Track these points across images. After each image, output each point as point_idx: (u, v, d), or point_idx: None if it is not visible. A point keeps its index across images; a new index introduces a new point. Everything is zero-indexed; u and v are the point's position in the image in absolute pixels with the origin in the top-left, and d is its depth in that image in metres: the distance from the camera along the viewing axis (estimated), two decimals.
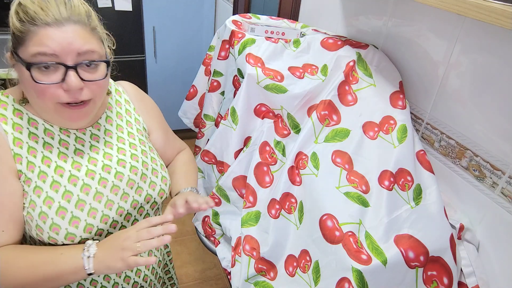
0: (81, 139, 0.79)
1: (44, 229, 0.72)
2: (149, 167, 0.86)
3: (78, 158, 0.77)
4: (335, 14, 1.31)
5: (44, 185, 0.72)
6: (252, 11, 2.30)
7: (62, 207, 0.72)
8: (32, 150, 0.72)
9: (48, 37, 0.66)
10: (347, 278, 0.78)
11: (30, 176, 0.72)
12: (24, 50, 0.66)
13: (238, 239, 1.02)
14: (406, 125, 0.95)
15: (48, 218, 0.71)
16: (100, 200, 0.77)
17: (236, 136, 1.11)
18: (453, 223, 0.86)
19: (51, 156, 0.74)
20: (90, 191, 0.76)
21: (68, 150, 0.77)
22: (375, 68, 1.06)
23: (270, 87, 1.05)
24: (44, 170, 0.73)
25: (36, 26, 0.65)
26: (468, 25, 0.84)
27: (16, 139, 0.71)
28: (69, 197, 0.73)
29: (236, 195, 1.11)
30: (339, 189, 0.91)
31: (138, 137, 0.89)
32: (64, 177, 0.74)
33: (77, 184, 0.75)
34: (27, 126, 0.73)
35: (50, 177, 0.73)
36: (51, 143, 0.75)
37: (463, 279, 0.83)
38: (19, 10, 0.66)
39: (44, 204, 0.71)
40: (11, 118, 0.72)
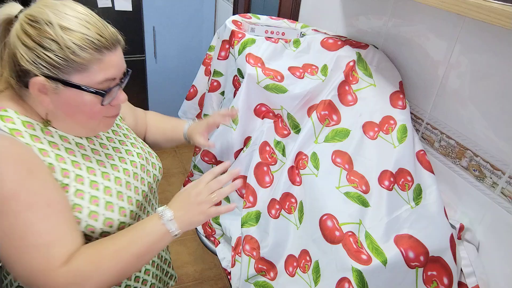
0: (91, 140, 0.83)
1: (97, 226, 0.75)
2: (146, 151, 0.95)
3: (98, 157, 0.81)
4: (335, 14, 1.31)
5: (84, 187, 0.74)
6: (252, 11, 2.30)
7: (108, 201, 0.77)
8: (60, 157, 0.73)
9: (111, 63, 0.70)
10: (347, 278, 0.78)
11: (67, 182, 0.72)
12: (84, 78, 0.68)
13: (238, 239, 1.02)
14: (406, 125, 0.95)
15: (99, 215, 0.75)
16: (130, 189, 0.83)
17: (236, 136, 1.11)
18: (453, 223, 0.86)
19: (76, 159, 0.76)
20: (121, 182, 0.81)
21: (86, 151, 0.80)
22: (375, 68, 1.06)
23: (270, 87, 1.05)
24: (79, 173, 0.75)
25: (101, 53, 0.68)
26: (468, 25, 0.84)
27: (41, 150, 0.71)
28: (109, 192, 0.78)
29: (236, 195, 1.11)
30: (339, 189, 0.91)
31: (126, 128, 0.97)
32: (97, 175, 0.78)
33: (110, 178, 0.80)
34: (43, 136, 0.73)
35: (86, 178, 0.75)
36: (71, 148, 0.77)
37: (463, 279, 0.83)
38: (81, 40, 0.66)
39: (91, 204, 0.74)
40: (25, 131, 0.70)
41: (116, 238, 0.73)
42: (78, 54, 0.66)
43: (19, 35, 0.67)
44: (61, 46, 0.66)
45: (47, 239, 0.67)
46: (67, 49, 0.66)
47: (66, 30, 0.66)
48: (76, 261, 0.68)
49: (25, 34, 0.66)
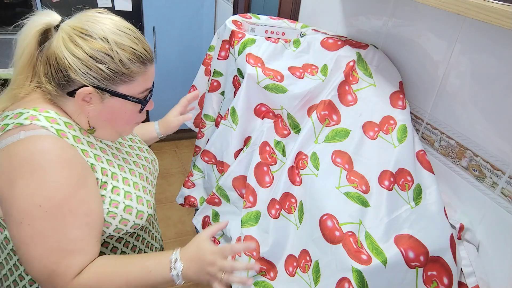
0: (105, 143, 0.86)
1: (130, 219, 0.80)
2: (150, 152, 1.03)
3: (121, 155, 0.87)
4: (335, 14, 1.31)
5: (118, 183, 0.80)
6: (252, 11, 2.30)
7: (138, 196, 0.83)
8: (97, 157, 0.78)
9: (152, 75, 0.79)
10: (347, 278, 0.78)
11: (106, 180, 0.77)
12: (130, 88, 0.75)
13: (238, 239, 1.02)
14: (406, 125, 0.95)
15: (133, 209, 0.80)
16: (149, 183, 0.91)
17: (236, 136, 1.11)
18: (453, 223, 0.86)
19: (109, 158, 0.82)
20: (143, 177, 0.89)
21: (113, 149, 0.85)
22: (375, 68, 1.06)
23: (270, 87, 1.05)
24: (113, 171, 0.80)
25: (145, 66, 0.76)
26: (468, 25, 0.84)
27: (83, 151, 0.74)
28: (137, 186, 0.84)
29: (236, 195, 1.11)
30: (339, 189, 0.91)
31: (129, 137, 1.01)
32: (126, 172, 0.84)
33: (136, 174, 0.86)
34: (82, 136, 0.76)
35: (119, 175, 0.81)
36: (103, 147, 0.82)
37: (463, 279, 0.83)
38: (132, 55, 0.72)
39: (126, 199, 0.79)
40: (68, 132, 0.73)
41: (128, 268, 0.75)
42: (128, 67, 0.72)
43: (67, 46, 0.69)
44: (115, 60, 0.71)
45: (74, 247, 0.70)
46: (119, 63, 0.71)
47: (120, 45, 0.71)
48: (87, 275, 0.71)
49: (76, 45, 0.69)
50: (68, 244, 0.69)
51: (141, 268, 0.75)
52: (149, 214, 0.85)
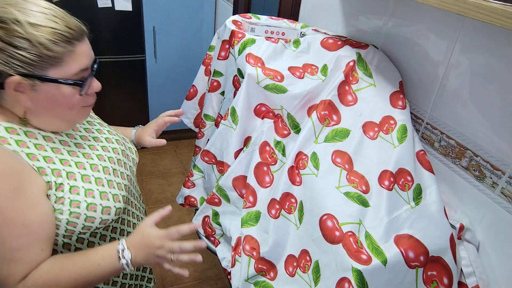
0: (71, 135, 0.85)
1: (96, 216, 0.79)
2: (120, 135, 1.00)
3: (82, 150, 0.84)
4: (335, 14, 1.31)
5: (77, 182, 0.77)
6: (252, 11, 2.30)
7: (102, 191, 0.81)
8: (48, 158, 0.75)
9: (83, 53, 0.72)
10: (347, 278, 0.78)
11: (61, 181, 0.75)
12: (60, 70, 0.70)
13: (238, 239, 1.02)
14: (406, 125, 0.95)
15: (97, 206, 0.79)
16: (117, 175, 0.87)
17: (236, 136, 1.11)
18: (453, 223, 0.86)
19: (64, 157, 0.78)
20: (109, 170, 0.86)
21: (70, 147, 0.82)
22: (375, 68, 1.06)
23: (270, 87, 1.05)
24: (69, 170, 0.77)
25: (72, 45, 0.70)
26: (468, 25, 0.84)
27: (29, 155, 0.72)
28: (100, 182, 0.82)
29: (236, 195, 1.11)
30: (339, 189, 0.91)
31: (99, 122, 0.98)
32: (87, 168, 0.81)
33: (99, 169, 0.83)
34: (28, 140, 0.74)
35: (77, 174, 0.78)
36: (57, 146, 0.79)
37: (463, 279, 0.83)
38: (52, 34, 0.67)
39: (87, 197, 0.77)
40: (10, 137, 0.71)
41: (76, 266, 0.75)
42: (51, 48, 0.67)
43: None
44: (33, 43, 0.66)
45: (13, 256, 0.69)
46: (39, 45, 0.66)
47: (35, 26, 0.66)
48: (33, 279, 0.71)
49: None
50: (6, 253, 0.69)
51: (89, 264, 0.75)
52: (117, 208, 0.82)
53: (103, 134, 0.93)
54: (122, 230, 0.92)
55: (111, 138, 0.95)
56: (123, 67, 2.82)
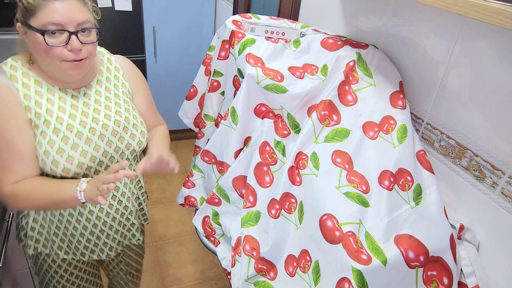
0: (76, 97, 1.00)
1: (47, 163, 0.94)
2: (130, 122, 1.07)
3: (73, 111, 0.98)
4: (335, 14, 1.31)
5: (48, 130, 0.94)
6: (252, 11, 2.30)
7: (61, 148, 0.95)
8: (38, 103, 0.93)
9: (54, 10, 0.85)
10: (347, 278, 0.78)
11: (38, 123, 0.93)
12: (35, 20, 0.85)
13: (238, 239, 1.02)
14: (406, 125, 0.96)
15: (50, 156, 0.94)
16: (89, 144, 0.99)
17: (236, 136, 1.11)
18: (453, 223, 0.86)
19: (53, 108, 0.95)
20: (82, 137, 0.98)
21: (65, 105, 0.98)
22: (375, 68, 1.06)
23: (270, 87, 1.05)
24: (48, 119, 0.94)
25: (45, 1, 0.84)
26: (468, 25, 0.84)
27: (25, 95, 0.92)
28: (66, 140, 0.96)
29: (236, 195, 1.11)
30: (339, 189, 0.91)
31: (123, 98, 1.10)
32: (63, 125, 0.96)
33: (72, 131, 0.97)
34: (33, 85, 0.94)
35: (52, 125, 0.94)
36: (52, 99, 0.96)
37: (463, 279, 0.83)
38: None
39: (48, 145, 0.94)
40: (20, 79, 0.93)
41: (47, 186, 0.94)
42: (28, 1, 0.84)
43: None
44: None
45: (4, 165, 0.93)
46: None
47: None
48: (19, 187, 0.93)
49: None
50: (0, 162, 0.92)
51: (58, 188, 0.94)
52: (65, 168, 0.95)
53: (97, 105, 1.03)
54: None
55: (110, 114, 1.04)
56: None
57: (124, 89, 1.11)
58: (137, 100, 1.15)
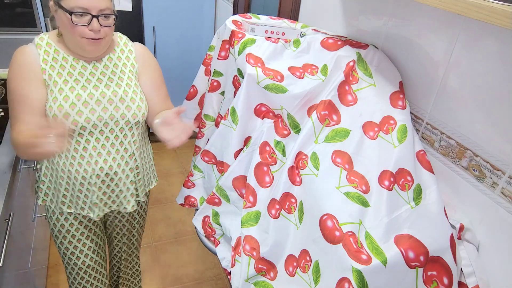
0: (85, 67, 1.14)
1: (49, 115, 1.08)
2: (128, 95, 1.17)
3: (79, 77, 1.12)
4: (335, 14, 1.31)
5: (55, 89, 1.09)
6: (252, 11, 2.30)
7: (61, 104, 1.08)
8: (52, 67, 1.09)
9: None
10: (347, 278, 0.78)
11: (49, 83, 1.08)
12: (66, 2, 1.00)
13: (238, 239, 1.02)
14: (406, 125, 0.96)
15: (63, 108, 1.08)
16: (86, 107, 1.11)
17: (236, 136, 1.11)
18: (453, 223, 0.86)
19: (62, 72, 1.11)
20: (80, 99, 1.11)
21: (74, 71, 1.12)
22: (375, 68, 1.06)
23: (270, 87, 1.05)
24: (56, 80, 1.09)
25: None
26: (468, 25, 0.84)
27: (44, 59, 1.09)
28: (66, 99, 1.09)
29: (236, 195, 1.11)
30: (339, 189, 0.91)
31: (128, 75, 1.20)
32: (67, 86, 1.10)
33: (73, 92, 1.10)
34: (52, 53, 1.11)
35: (59, 85, 1.09)
36: (65, 65, 1.11)
37: (463, 279, 0.83)
38: None
39: (57, 109, 1.07)
40: (43, 47, 1.10)
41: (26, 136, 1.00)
42: None
43: None
44: None
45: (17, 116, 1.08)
46: None
47: None
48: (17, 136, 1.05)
49: None
50: (15, 115, 1.08)
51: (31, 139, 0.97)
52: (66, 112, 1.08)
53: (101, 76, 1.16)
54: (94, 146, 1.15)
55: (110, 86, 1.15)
56: None
57: (132, 69, 1.21)
58: (142, 79, 1.24)
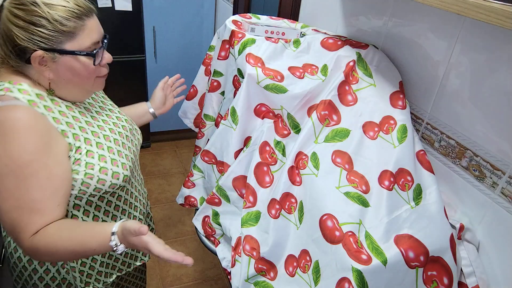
0: (88, 108, 0.96)
1: (107, 179, 0.88)
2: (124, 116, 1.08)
3: (97, 122, 0.94)
4: (335, 14, 1.31)
5: (92, 148, 0.87)
6: (252, 11, 2.30)
7: (113, 158, 0.91)
8: (69, 124, 0.85)
9: (93, 28, 0.83)
10: (347, 278, 0.78)
11: (79, 145, 0.85)
12: (75, 43, 0.80)
13: (238, 239, 1.02)
14: (406, 125, 0.95)
15: (108, 170, 0.88)
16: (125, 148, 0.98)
17: (236, 136, 1.11)
18: (453, 223, 0.86)
19: (82, 125, 0.89)
20: (119, 142, 0.96)
21: (87, 118, 0.92)
22: (375, 68, 1.06)
23: (270, 87, 1.05)
24: (86, 136, 0.88)
25: (83, 21, 0.80)
26: (468, 25, 0.84)
27: (54, 118, 0.82)
28: (112, 150, 0.92)
29: (236, 195, 1.11)
30: (339, 189, 0.91)
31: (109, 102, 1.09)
32: (100, 137, 0.91)
33: (110, 139, 0.94)
34: (54, 107, 0.84)
35: (93, 141, 0.89)
36: (76, 116, 0.89)
37: (463, 279, 0.83)
38: (65, 12, 0.78)
39: (100, 161, 0.87)
40: (39, 102, 0.81)
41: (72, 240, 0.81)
42: (65, 24, 0.78)
43: (10, 19, 0.76)
44: (50, 21, 0.76)
45: (34, 207, 0.78)
46: (55, 22, 0.77)
47: (50, 6, 0.77)
48: (39, 239, 0.78)
49: (16, 17, 0.76)
50: (29, 203, 0.77)
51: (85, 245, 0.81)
52: (125, 175, 0.93)
53: (114, 113, 1.04)
54: (126, 200, 1.02)
55: (121, 117, 1.05)
56: (123, 67, 2.82)
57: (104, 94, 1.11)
58: None
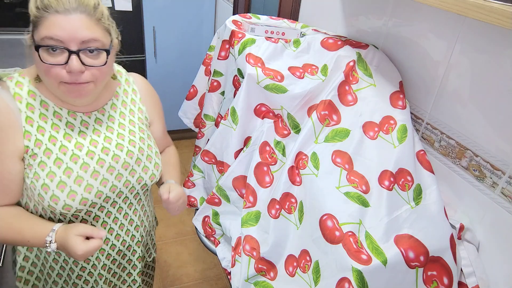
0: (86, 122, 0.88)
1: (45, 198, 0.82)
2: (145, 153, 0.95)
3: (81, 139, 0.86)
4: (335, 14, 1.31)
5: (48, 161, 0.82)
6: (252, 11, 2.30)
7: (63, 181, 0.82)
8: (41, 129, 0.82)
9: (56, 24, 0.74)
10: (347, 278, 0.78)
11: (36, 152, 0.81)
12: (36, 34, 0.75)
13: (238, 239, 1.02)
14: (406, 125, 0.96)
15: (49, 190, 0.81)
16: (96, 178, 0.86)
17: (236, 136, 1.11)
18: (453, 223, 0.86)
19: (57, 136, 0.84)
20: (88, 169, 0.85)
21: (73, 132, 0.86)
22: (375, 68, 1.06)
23: (270, 87, 1.05)
24: (50, 147, 0.82)
25: (48, 13, 0.74)
26: (468, 25, 0.84)
27: (28, 118, 0.80)
28: (69, 173, 0.83)
29: (236, 195, 1.11)
30: (339, 189, 0.91)
31: (138, 125, 0.97)
32: (67, 155, 0.83)
33: (77, 162, 0.84)
34: (38, 107, 0.82)
35: (54, 154, 0.82)
36: (59, 124, 0.84)
37: (463, 279, 0.83)
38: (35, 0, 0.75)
39: (47, 178, 0.81)
40: (25, 98, 0.81)
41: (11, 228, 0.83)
42: (31, 10, 0.75)
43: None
44: (30, 6, 0.75)
45: None
46: (29, 7, 0.75)
47: None
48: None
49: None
50: None
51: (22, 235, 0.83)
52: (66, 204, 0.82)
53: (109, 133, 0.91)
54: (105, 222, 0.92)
55: (123, 146, 0.91)
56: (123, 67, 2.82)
57: (141, 115, 0.98)
58: (154, 127, 1.04)
